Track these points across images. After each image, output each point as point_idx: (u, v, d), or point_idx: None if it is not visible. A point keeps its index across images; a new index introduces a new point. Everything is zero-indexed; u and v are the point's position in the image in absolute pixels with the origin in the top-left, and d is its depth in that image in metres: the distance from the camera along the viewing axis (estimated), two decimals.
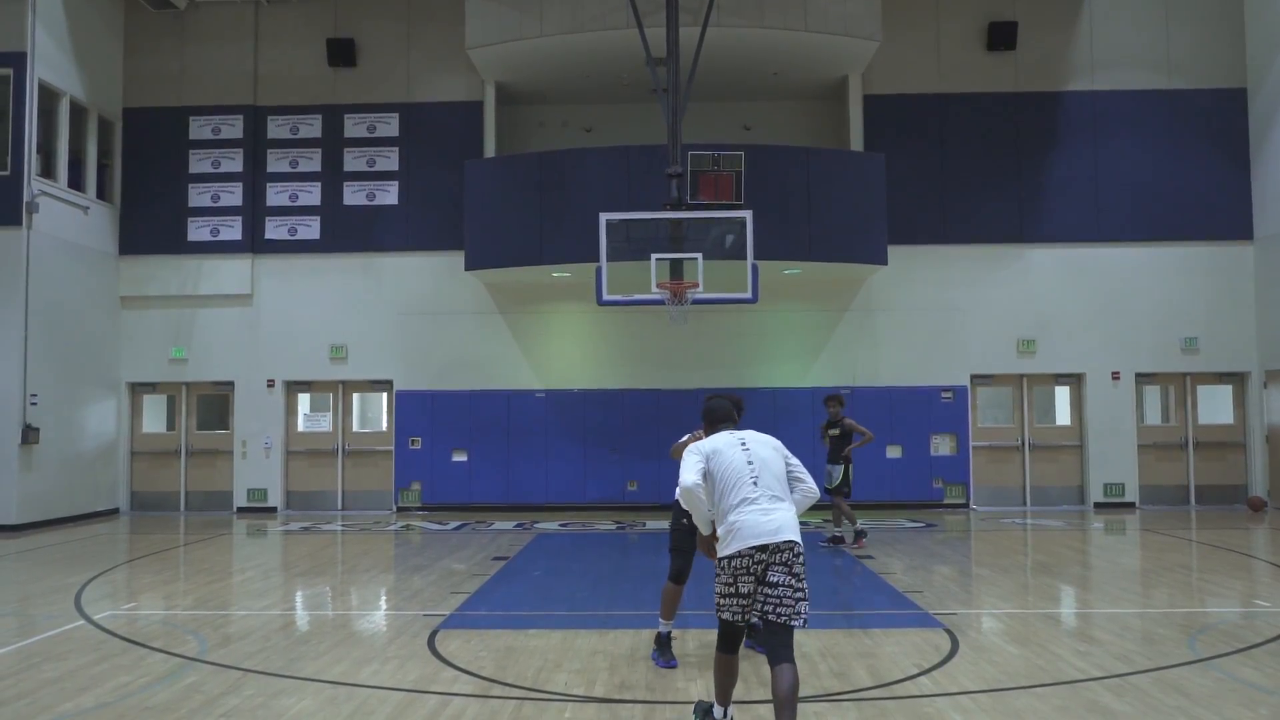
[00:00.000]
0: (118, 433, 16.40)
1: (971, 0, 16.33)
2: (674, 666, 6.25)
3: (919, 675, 6.09)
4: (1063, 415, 16.43)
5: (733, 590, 4.65)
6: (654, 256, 12.13)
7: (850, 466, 11.70)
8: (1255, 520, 14.34)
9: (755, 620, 4.80)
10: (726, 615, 4.73)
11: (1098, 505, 15.82)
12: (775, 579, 4.56)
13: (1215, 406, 16.26)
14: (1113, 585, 9.38)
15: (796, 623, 4.53)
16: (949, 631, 7.22)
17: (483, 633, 7.37)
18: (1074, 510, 15.71)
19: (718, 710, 4.90)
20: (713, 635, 7.08)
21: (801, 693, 5.68)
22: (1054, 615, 8.13)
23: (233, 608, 8.49)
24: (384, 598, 9.13)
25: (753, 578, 4.62)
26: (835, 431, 11.74)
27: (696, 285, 12.02)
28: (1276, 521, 14.10)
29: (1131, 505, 15.80)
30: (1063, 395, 16.45)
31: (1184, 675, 6.04)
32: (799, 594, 4.53)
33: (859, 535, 11.53)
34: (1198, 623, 7.62)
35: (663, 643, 6.37)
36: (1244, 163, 16.04)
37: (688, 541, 6.24)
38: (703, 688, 5.82)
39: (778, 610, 4.54)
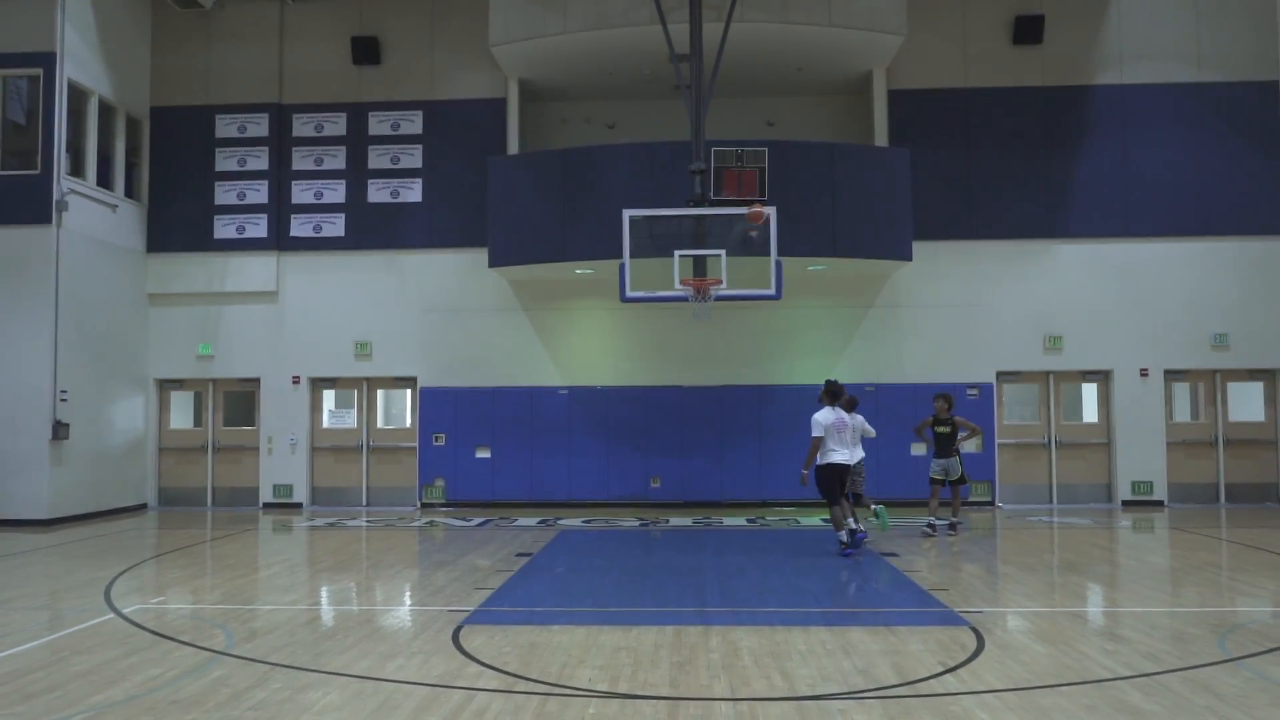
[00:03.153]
0: (145, 429, 16.60)
1: None
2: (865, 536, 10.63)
3: (944, 673, 6.04)
4: (1090, 412, 16.26)
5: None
6: (677, 253, 12.12)
7: (960, 458, 12.68)
8: None
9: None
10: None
11: (1126, 503, 15.66)
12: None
13: (1246, 403, 16.04)
14: (1141, 584, 9.28)
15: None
16: (975, 630, 7.17)
17: (506, 628, 7.39)
18: (1102, 508, 15.56)
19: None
20: (737, 633, 7.10)
21: (826, 690, 5.69)
22: (1081, 614, 8.05)
23: (259, 602, 8.55)
24: (408, 593, 9.18)
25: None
26: (945, 429, 12.54)
27: (720, 282, 11.99)
28: None
29: (1160, 503, 15.63)
30: (1090, 392, 16.28)
31: (1214, 675, 5.96)
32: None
33: (933, 527, 12.62)
34: (1228, 622, 7.51)
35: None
36: (1275, 157, 15.80)
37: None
38: (725, 685, 5.81)
39: None
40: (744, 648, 6.70)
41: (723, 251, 12.12)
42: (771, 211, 12.24)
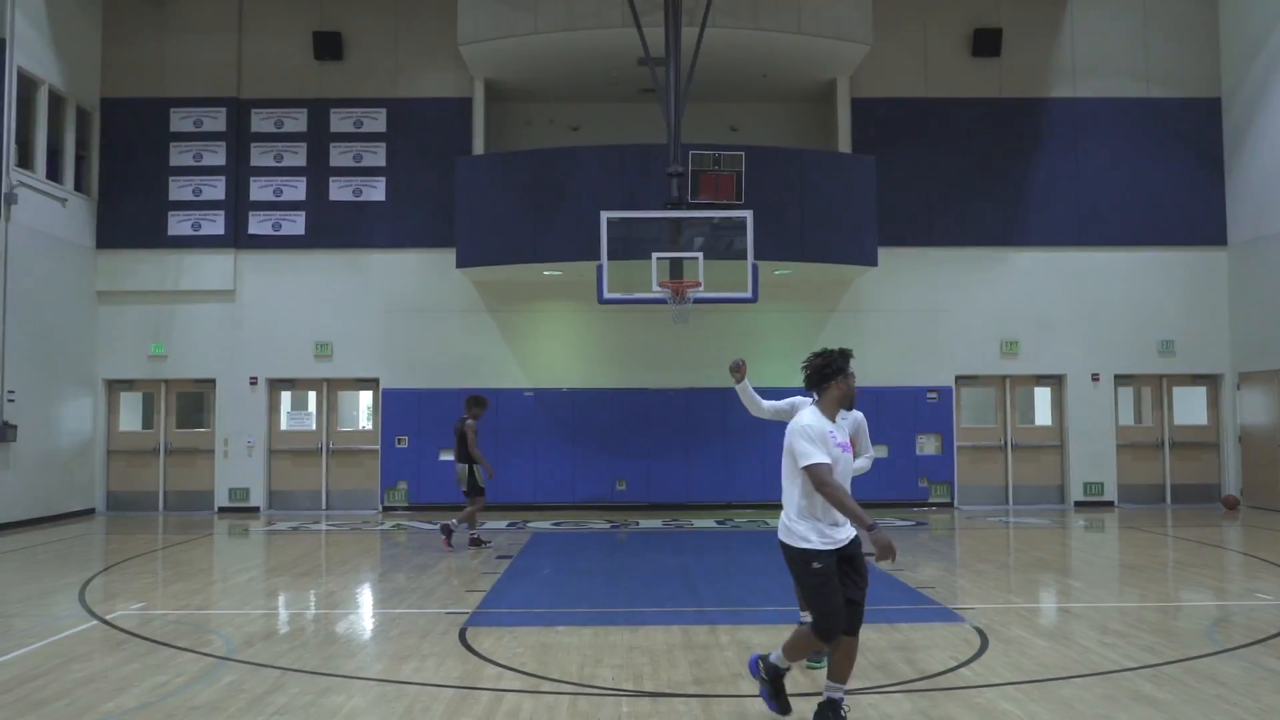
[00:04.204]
0: (94, 431, 16.03)
1: (957, 7, 16.56)
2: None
3: (958, 667, 6.17)
4: (1044, 416, 16.71)
5: None
6: (655, 255, 12.15)
7: None
8: (1230, 518, 14.73)
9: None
10: None
11: (1078, 504, 16.13)
12: None
13: (1190, 407, 16.65)
14: (1114, 580, 9.60)
15: None
16: (975, 626, 7.32)
17: (511, 629, 7.33)
18: (1054, 509, 16.00)
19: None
20: (744, 631, 7.13)
21: (850, 684, 5.74)
22: (1068, 609, 8.28)
23: (247, 607, 8.35)
24: (399, 596, 9.01)
25: None
26: None
27: (698, 284, 12.05)
28: (1250, 519, 14.46)
29: (1110, 504, 16.13)
30: (1044, 396, 16.74)
31: (1213, 665, 6.19)
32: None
33: None
34: (1208, 615, 7.80)
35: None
36: (1218, 170, 16.45)
37: None
38: (750, 682, 5.84)
39: None
40: (756, 645, 6.73)
41: (700, 254, 12.19)
42: (749, 215, 12.34)
